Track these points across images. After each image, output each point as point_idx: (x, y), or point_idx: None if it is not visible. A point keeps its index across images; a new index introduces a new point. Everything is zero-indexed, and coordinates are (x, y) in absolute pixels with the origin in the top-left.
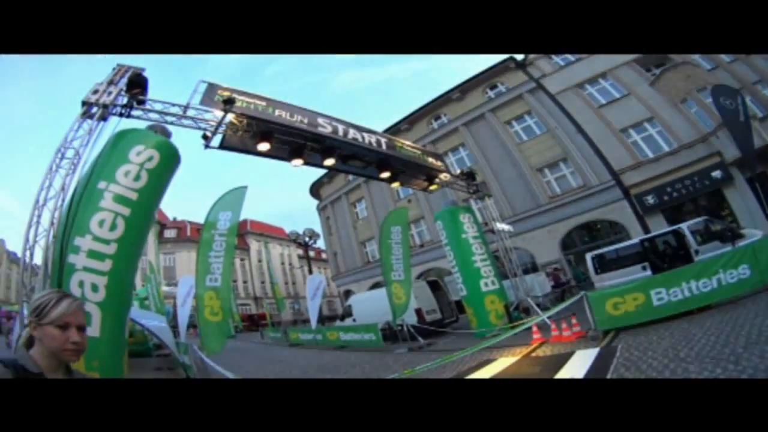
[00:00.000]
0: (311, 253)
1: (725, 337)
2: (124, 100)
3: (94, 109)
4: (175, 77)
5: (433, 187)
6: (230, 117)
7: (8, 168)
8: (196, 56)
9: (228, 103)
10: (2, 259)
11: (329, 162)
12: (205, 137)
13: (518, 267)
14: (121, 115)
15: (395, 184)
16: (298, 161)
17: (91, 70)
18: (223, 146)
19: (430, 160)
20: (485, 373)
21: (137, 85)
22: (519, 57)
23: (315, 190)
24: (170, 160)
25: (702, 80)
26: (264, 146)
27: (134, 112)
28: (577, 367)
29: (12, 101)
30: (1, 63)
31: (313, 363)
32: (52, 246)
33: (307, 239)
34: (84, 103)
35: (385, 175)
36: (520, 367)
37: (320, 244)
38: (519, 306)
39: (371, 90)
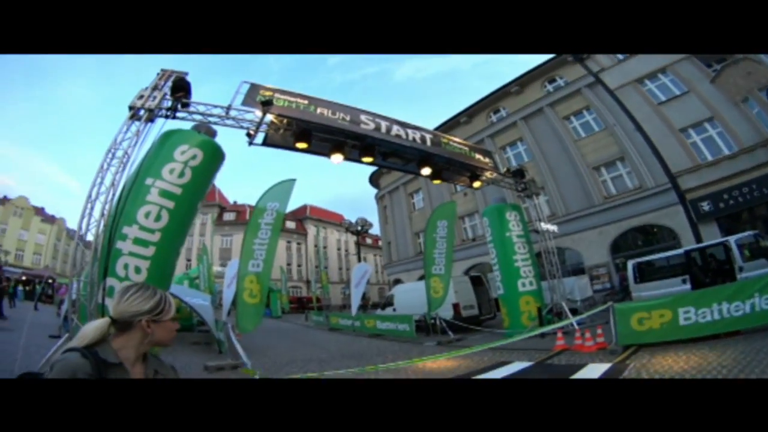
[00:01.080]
0: (368, 240)
1: (737, 372)
2: (169, 104)
3: (141, 112)
4: (234, 70)
5: (476, 185)
6: (270, 117)
7: (68, 152)
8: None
9: (266, 105)
10: (62, 236)
11: (368, 159)
12: (248, 135)
13: (558, 269)
14: (166, 117)
15: (436, 181)
16: (338, 157)
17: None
18: (266, 143)
19: (477, 156)
20: (492, 375)
21: (181, 88)
22: None
23: (374, 179)
24: (213, 157)
25: (765, 78)
26: (302, 145)
27: (179, 114)
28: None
29: (69, 92)
30: (62, 61)
31: (344, 349)
32: (102, 234)
33: (359, 228)
34: (131, 108)
35: (426, 171)
36: (528, 373)
37: (377, 231)
38: (552, 309)
39: (435, 80)
